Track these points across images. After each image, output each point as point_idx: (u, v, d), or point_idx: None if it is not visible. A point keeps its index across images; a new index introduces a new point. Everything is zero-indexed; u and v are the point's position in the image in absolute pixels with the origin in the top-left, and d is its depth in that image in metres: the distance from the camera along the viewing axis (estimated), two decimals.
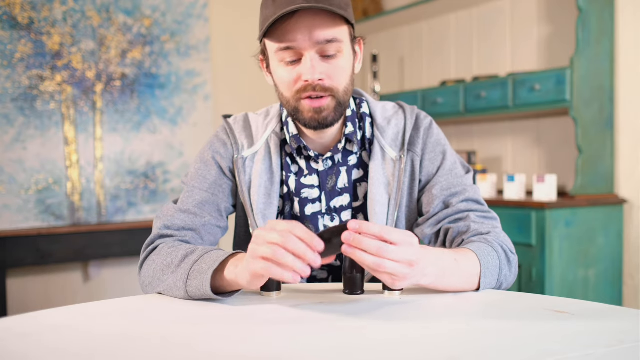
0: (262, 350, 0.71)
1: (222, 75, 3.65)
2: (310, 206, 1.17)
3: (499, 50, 3.26)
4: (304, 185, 1.17)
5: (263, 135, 1.19)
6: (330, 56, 1.05)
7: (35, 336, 0.77)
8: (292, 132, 1.16)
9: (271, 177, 1.16)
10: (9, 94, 2.94)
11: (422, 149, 1.18)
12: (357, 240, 0.84)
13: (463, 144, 3.48)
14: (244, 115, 1.25)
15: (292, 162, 1.19)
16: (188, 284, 0.95)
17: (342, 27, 1.05)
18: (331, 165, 1.17)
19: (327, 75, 1.05)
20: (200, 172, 1.18)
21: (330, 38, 1.03)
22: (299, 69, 1.05)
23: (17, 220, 2.95)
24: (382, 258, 0.84)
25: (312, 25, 1.02)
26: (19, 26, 2.97)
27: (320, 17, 1.02)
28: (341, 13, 1.02)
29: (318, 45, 1.03)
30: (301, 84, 1.05)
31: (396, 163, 1.15)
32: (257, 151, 1.18)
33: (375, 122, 1.19)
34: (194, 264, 0.97)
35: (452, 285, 0.97)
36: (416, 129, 1.19)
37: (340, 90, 1.07)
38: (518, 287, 2.54)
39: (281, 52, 1.05)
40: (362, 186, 1.18)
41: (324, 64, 1.05)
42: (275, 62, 1.08)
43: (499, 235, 1.09)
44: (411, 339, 0.75)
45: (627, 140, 2.67)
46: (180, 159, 3.41)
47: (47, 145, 3.04)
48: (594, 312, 0.87)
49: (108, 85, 3.21)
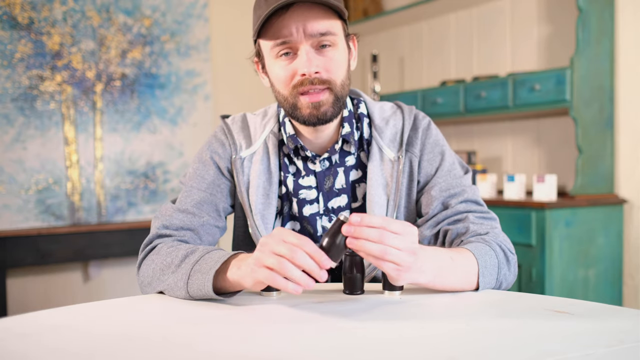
0: (262, 350, 0.71)
1: (222, 75, 3.66)
2: (308, 207, 1.17)
3: (499, 50, 3.26)
4: (302, 186, 1.17)
5: (261, 136, 1.19)
6: (325, 48, 1.05)
7: (35, 336, 0.77)
8: (289, 132, 1.16)
9: (269, 178, 1.16)
10: (9, 94, 2.94)
11: (421, 149, 1.18)
12: (360, 230, 0.84)
13: (463, 144, 3.48)
14: (242, 116, 1.25)
15: (290, 163, 1.19)
16: (189, 284, 0.95)
17: (335, 20, 1.06)
18: (328, 166, 1.17)
19: (323, 68, 1.06)
20: (199, 172, 1.18)
21: (324, 31, 1.04)
22: (294, 64, 1.06)
23: (17, 220, 2.95)
24: (386, 246, 0.84)
25: (306, 18, 1.03)
26: (19, 26, 2.97)
27: (314, 10, 1.03)
28: (334, 5, 1.03)
29: (313, 38, 1.04)
30: (298, 79, 1.06)
31: (394, 164, 1.15)
32: (255, 151, 1.18)
33: (373, 123, 1.19)
34: (195, 264, 0.97)
35: (451, 283, 0.97)
36: (414, 130, 1.19)
37: (338, 84, 1.08)
38: (518, 287, 2.54)
39: (276, 48, 1.06)
40: (361, 187, 1.18)
41: (319, 57, 1.05)
42: (271, 60, 1.09)
43: (497, 236, 1.08)
44: (411, 339, 0.75)
45: (627, 140, 2.67)
46: (180, 159, 3.41)
47: (47, 145, 3.04)
48: (594, 312, 0.87)
49: (108, 85, 3.21)
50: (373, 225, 0.84)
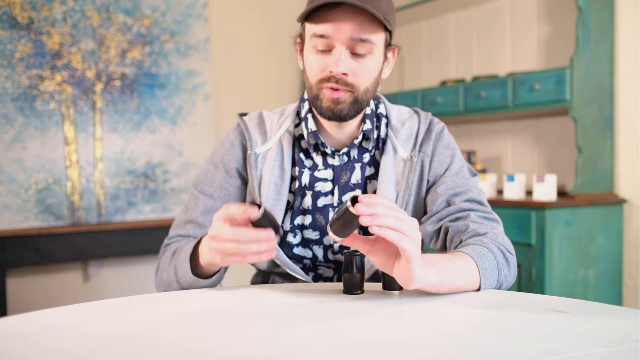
0: (262, 349, 0.71)
1: (222, 75, 3.65)
2: (322, 199, 1.20)
3: (499, 50, 3.26)
4: (318, 178, 1.20)
5: (277, 134, 1.22)
6: (360, 55, 1.08)
7: (35, 336, 0.77)
8: (311, 129, 1.19)
9: (282, 174, 1.19)
10: (9, 94, 2.94)
11: (433, 150, 1.21)
12: (373, 201, 0.84)
13: (463, 144, 3.48)
14: (259, 114, 1.28)
15: (307, 158, 1.22)
16: (178, 275, 1.06)
17: (379, 31, 1.09)
18: (347, 161, 1.20)
19: (352, 72, 1.08)
20: (209, 174, 1.24)
21: (365, 38, 1.06)
22: (327, 60, 1.09)
23: (17, 220, 2.95)
24: (399, 215, 0.85)
25: (352, 22, 1.05)
26: (19, 26, 2.97)
27: (362, 16, 1.05)
28: (381, 18, 1.05)
29: (351, 42, 1.06)
30: (326, 74, 1.09)
31: (407, 163, 1.18)
32: (270, 148, 1.21)
33: (390, 123, 1.23)
34: (178, 256, 1.08)
35: (456, 283, 0.95)
36: (429, 133, 1.22)
37: (361, 89, 1.11)
38: (518, 287, 2.54)
39: (315, 39, 1.09)
40: (372, 184, 1.21)
41: (351, 61, 1.08)
42: (308, 48, 1.12)
43: (497, 237, 1.08)
44: (411, 339, 0.75)
45: (627, 140, 2.67)
46: (180, 159, 3.41)
47: (47, 145, 3.04)
48: (594, 312, 0.87)
49: (108, 85, 3.21)
50: (383, 203, 0.85)
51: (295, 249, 1.20)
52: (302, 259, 1.20)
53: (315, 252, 1.20)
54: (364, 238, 0.91)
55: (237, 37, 3.67)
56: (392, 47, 1.16)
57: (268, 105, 3.62)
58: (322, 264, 1.21)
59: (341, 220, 0.87)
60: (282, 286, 1.08)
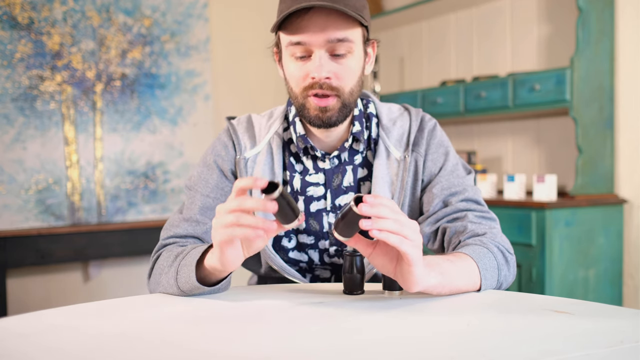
0: (262, 350, 0.71)
1: (222, 75, 3.65)
2: (315, 204, 1.18)
3: (499, 50, 3.26)
4: (310, 183, 1.18)
5: (266, 137, 1.20)
6: (339, 55, 1.06)
7: (35, 336, 0.77)
8: (299, 132, 1.16)
9: (273, 178, 1.17)
10: (9, 94, 2.94)
11: (426, 149, 1.19)
12: (377, 202, 0.84)
13: (463, 144, 3.48)
14: (247, 117, 1.26)
15: (297, 162, 1.20)
16: (178, 279, 0.99)
17: (355, 28, 1.06)
18: (337, 163, 1.18)
19: (334, 75, 1.06)
20: (203, 175, 1.19)
21: (342, 37, 1.04)
22: (307, 66, 1.06)
23: (17, 220, 2.95)
24: (400, 217, 0.84)
25: (325, 24, 1.03)
26: (19, 26, 2.97)
27: (334, 16, 1.03)
28: (354, 15, 1.03)
29: (328, 44, 1.04)
30: (309, 80, 1.07)
31: (400, 163, 1.16)
32: (259, 152, 1.19)
33: (381, 123, 1.20)
34: (182, 259, 1.00)
35: (457, 284, 0.96)
36: (420, 131, 1.20)
37: (346, 91, 1.08)
38: (518, 287, 2.53)
39: (292, 47, 1.06)
40: (366, 185, 1.19)
41: (332, 63, 1.06)
42: (286, 56, 1.10)
43: (495, 236, 1.08)
44: (411, 339, 0.75)
45: (627, 140, 2.67)
46: (180, 159, 3.41)
47: (47, 145, 3.04)
48: (594, 312, 0.87)
49: (108, 85, 3.21)
50: (386, 203, 0.85)
51: (291, 253, 1.19)
52: (298, 262, 1.20)
53: (311, 255, 1.19)
54: (366, 240, 0.91)
55: (237, 37, 3.67)
56: (370, 41, 1.14)
57: (268, 105, 3.62)
58: (319, 266, 1.21)
59: (345, 220, 0.87)
60: (282, 286, 1.08)
